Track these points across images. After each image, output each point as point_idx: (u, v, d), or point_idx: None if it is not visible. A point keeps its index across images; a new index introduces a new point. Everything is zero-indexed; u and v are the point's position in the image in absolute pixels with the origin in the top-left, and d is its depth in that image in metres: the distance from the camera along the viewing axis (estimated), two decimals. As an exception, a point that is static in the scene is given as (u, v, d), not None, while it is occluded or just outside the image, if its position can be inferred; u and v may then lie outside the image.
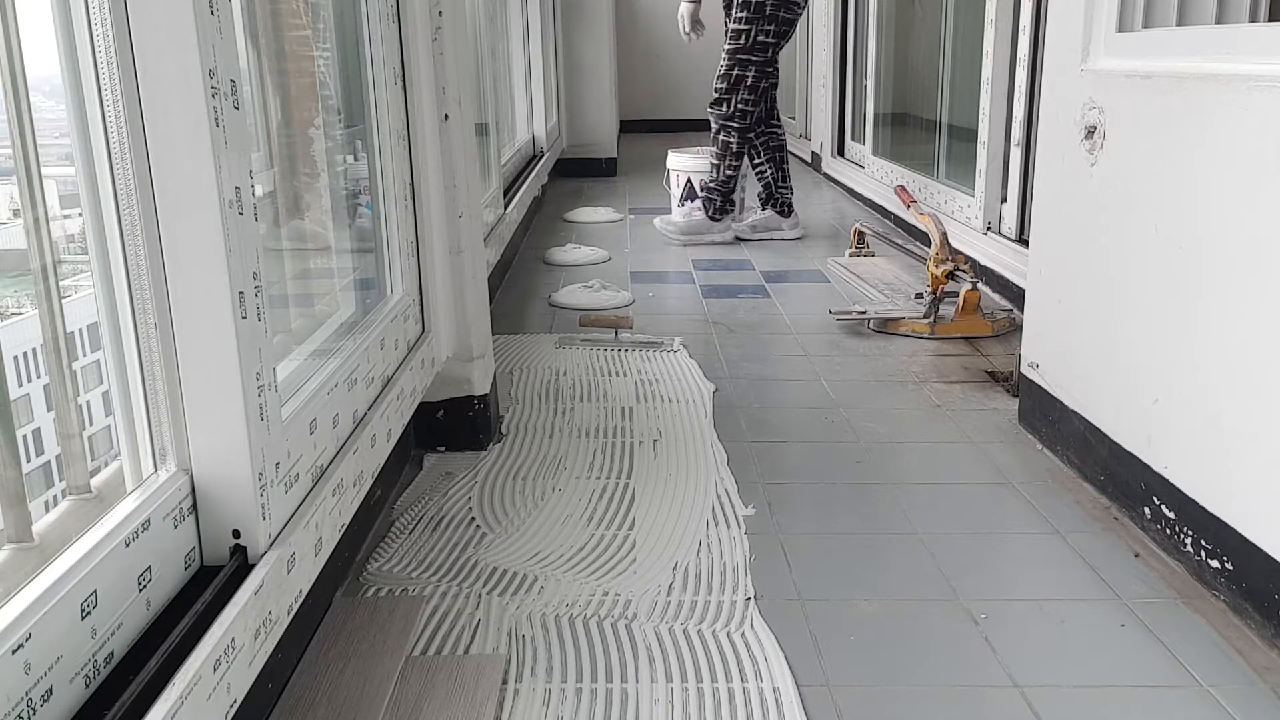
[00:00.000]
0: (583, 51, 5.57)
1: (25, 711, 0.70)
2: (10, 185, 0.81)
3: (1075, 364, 1.70)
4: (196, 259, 0.90)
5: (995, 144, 2.94)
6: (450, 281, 1.78)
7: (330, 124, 1.52)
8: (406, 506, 1.60)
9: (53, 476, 0.95)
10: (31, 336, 0.87)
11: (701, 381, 2.17)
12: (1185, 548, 1.38)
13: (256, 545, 0.97)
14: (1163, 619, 1.28)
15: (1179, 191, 1.39)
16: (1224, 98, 1.29)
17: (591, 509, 1.58)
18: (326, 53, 1.50)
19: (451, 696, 1.11)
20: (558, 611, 1.30)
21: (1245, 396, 1.26)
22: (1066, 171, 1.71)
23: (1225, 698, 1.12)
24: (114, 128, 0.87)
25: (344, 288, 1.56)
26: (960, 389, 2.12)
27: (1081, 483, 1.66)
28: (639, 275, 3.21)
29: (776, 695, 1.12)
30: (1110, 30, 1.61)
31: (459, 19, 1.76)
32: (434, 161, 1.71)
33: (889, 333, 2.51)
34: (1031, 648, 1.22)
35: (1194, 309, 1.36)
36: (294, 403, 1.12)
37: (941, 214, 3.05)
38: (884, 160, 4.28)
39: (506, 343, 2.47)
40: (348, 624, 1.25)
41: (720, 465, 1.74)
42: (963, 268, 2.50)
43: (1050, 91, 1.77)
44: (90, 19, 0.85)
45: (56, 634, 0.74)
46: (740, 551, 1.44)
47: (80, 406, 0.90)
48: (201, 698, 0.79)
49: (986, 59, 2.96)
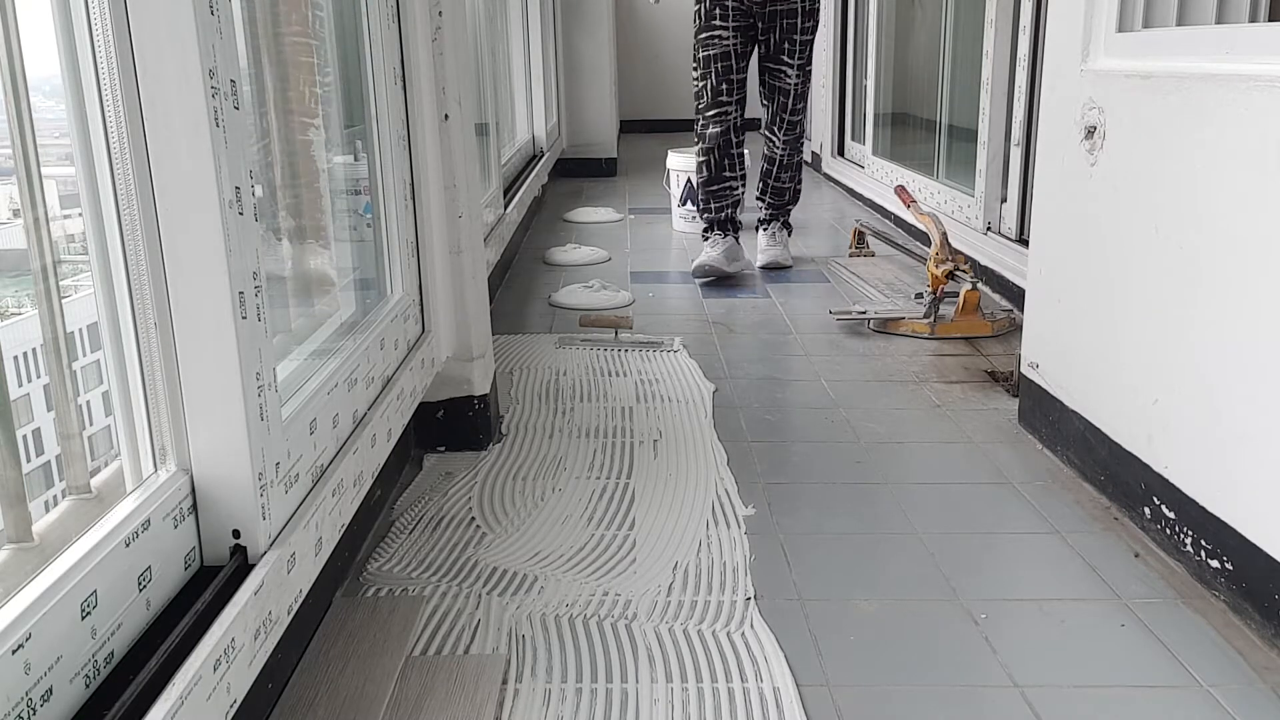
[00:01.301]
0: (583, 51, 5.57)
1: (25, 711, 0.70)
2: (10, 185, 0.81)
3: (1075, 364, 1.70)
4: (196, 259, 0.90)
5: (995, 144, 2.94)
6: (450, 281, 1.78)
7: (330, 123, 1.52)
8: (406, 506, 1.60)
9: (53, 476, 0.95)
10: (31, 336, 0.87)
11: (701, 381, 2.17)
12: (1185, 548, 1.38)
13: (256, 545, 0.97)
14: (1163, 619, 1.28)
15: (1179, 191, 1.39)
16: (1224, 98, 1.29)
17: (591, 509, 1.58)
18: (326, 53, 1.50)
19: (451, 696, 1.11)
20: (558, 611, 1.29)
21: (1245, 396, 1.26)
22: (1066, 171, 1.71)
23: (1225, 698, 1.12)
24: (114, 128, 0.87)
25: (344, 288, 1.56)
26: (960, 389, 2.12)
27: (1081, 483, 1.66)
28: (639, 275, 3.21)
29: (776, 695, 1.12)
30: (1110, 30, 1.61)
31: (459, 19, 1.76)
32: (434, 161, 1.71)
33: (889, 333, 2.51)
34: (1031, 648, 1.22)
35: (1194, 309, 1.36)
36: (294, 403, 1.12)
37: (941, 214, 3.05)
38: (884, 160, 4.28)
39: (506, 343, 2.47)
40: (348, 624, 1.25)
41: (720, 465, 1.74)
42: (963, 268, 2.50)
43: (1050, 91, 1.77)
44: (90, 19, 0.85)
45: (56, 634, 0.74)
46: (740, 551, 1.44)
47: (80, 406, 0.90)
48: (201, 698, 0.79)
49: (986, 59, 2.96)
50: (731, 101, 3.13)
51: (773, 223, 3.35)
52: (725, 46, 3.08)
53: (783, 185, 3.31)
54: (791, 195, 3.36)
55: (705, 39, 3.10)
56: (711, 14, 3.09)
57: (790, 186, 3.33)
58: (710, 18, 3.09)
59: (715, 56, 3.09)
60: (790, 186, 3.33)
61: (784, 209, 3.36)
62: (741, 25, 3.10)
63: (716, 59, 3.09)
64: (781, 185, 3.31)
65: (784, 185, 3.31)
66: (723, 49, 3.08)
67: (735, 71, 3.12)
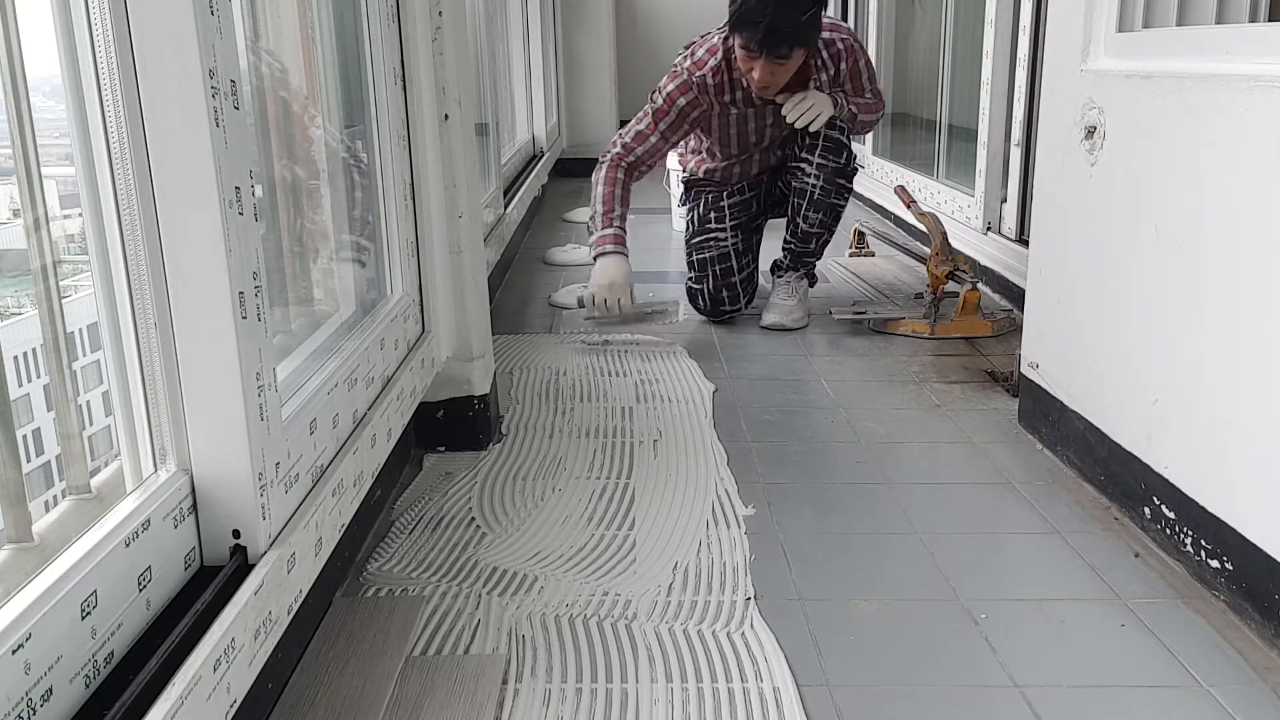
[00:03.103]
0: (583, 51, 5.58)
1: (25, 711, 0.70)
2: (10, 185, 0.81)
3: (1075, 364, 1.70)
4: (196, 259, 0.90)
5: (995, 144, 2.94)
6: (450, 281, 1.78)
7: (330, 123, 1.52)
8: (406, 506, 1.60)
9: (53, 476, 0.95)
10: (31, 336, 0.87)
11: (701, 381, 2.17)
12: (1185, 548, 1.38)
13: (256, 545, 0.97)
14: (1163, 619, 1.28)
15: (1179, 191, 1.39)
16: (1224, 98, 1.29)
17: (591, 509, 1.58)
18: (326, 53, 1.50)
19: (451, 696, 1.11)
20: (558, 611, 1.29)
21: (1245, 396, 1.26)
22: (1066, 172, 1.71)
23: (1225, 698, 1.12)
24: (114, 128, 0.87)
25: (344, 287, 1.56)
26: (960, 389, 2.12)
27: (1081, 483, 1.66)
28: (639, 275, 3.19)
29: (776, 695, 1.12)
30: (1110, 30, 1.61)
31: (459, 19, 1.76)
32: (434, 161, 1.71)
33: (889, 333, 2.51)
34: (1031, 648, 1.22)
35: (1194, 309, 1.36)
36: (294, 403, 1.12)
37: (941, 214, 3.05)
38: (884, 160, 4.28)
39: (506, 343, 2.47)
40: (348, 624, 1.25)
41: (720, 465, 1.74)
42: (963, 268, 2.50)
43: (1050, 91, 1.77)
44: (90, 19, 0.85)
45: (56, 634, 0.74)
46: (740, 551, 1.44)
47: (80, 406, 0.90)
48: (201, 698, 0.79)
49: (986, 59, 2.96)
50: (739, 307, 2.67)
51: (790, 271, 2.67)
52: (724, 249, 2.66)
53: (810, 229, 2.61)
54: (818, 249, 2.70)
55: (699, 243, 2.69)
56: (706, 218, 2.70)
57: (818, 231, 2.64)
58: (705, 222, 2.70)
59: (713, 259, 2.65)
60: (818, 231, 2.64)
61: (806, 262, 2.69)
62: (742, 222, 2.71)
63: (714, 261, 2.65)
64: (809, 229, 2.61)
65: (811, 229, 2.62)
66: (721, 251, 2.66)
67: (737, 273, 2.65)
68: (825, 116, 2.45)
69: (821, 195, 2.55)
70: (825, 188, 2.54)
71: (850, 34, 2.58)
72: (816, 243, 2.65)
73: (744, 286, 2.67)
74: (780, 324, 2.57)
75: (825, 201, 2.57)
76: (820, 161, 2.51)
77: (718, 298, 2.64)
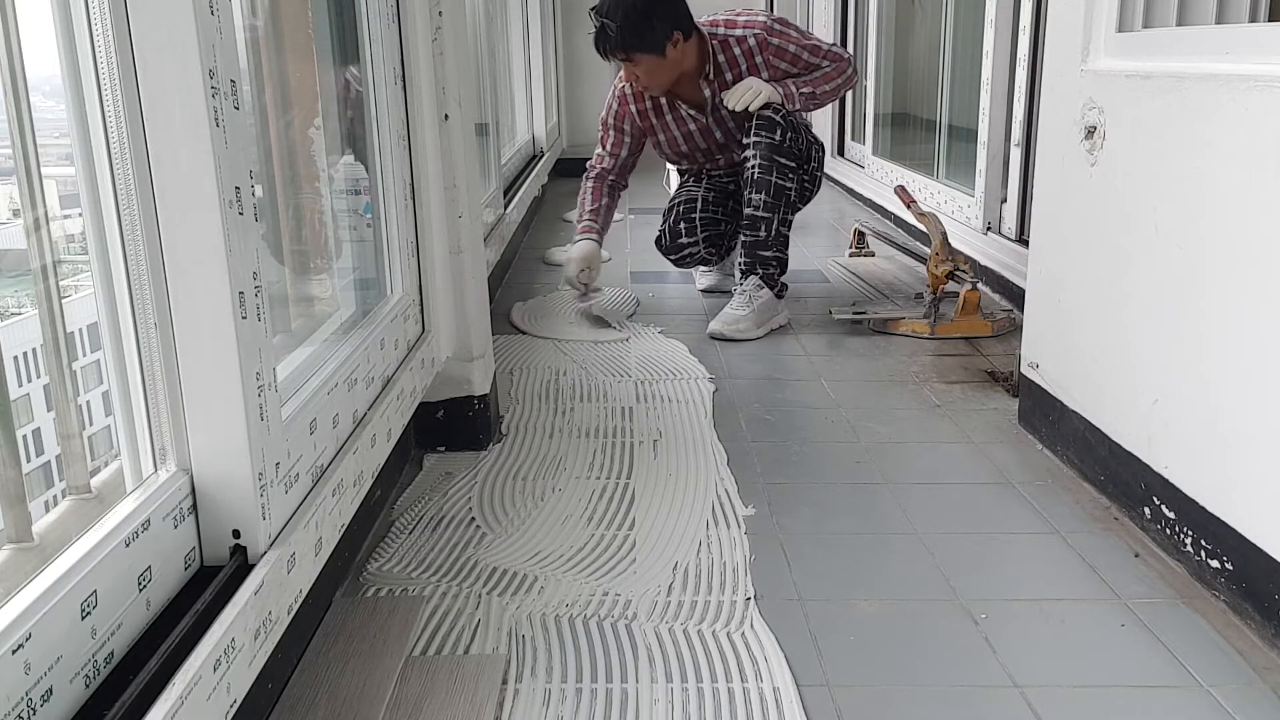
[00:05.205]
0: (583, 51, 5.57)
1: (25, 711, 0.70)
2: (10, 185, 0.81)
3: (1075, 364, 1.70)
4: (196, 259, 0.90)
5: (995, 144, 2.94)
6: (450, 281, 1.78)
7: (330, 123, 1.52)
8: (406, 506, 1.60)
9: (53, 476, 0.95)
10: (31, 336, 0.87)
11: (702, 382, 2.17)
12: (1185, 548, 1.38)
13: (256, 545, 0.97)
14: (1163, 619, 1.28)
15: (1179, 191, 1.39)
16: (1224, 98, 1.29)
17: (591, 509, 1.58)
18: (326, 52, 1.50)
19: (451, 696, 1.11)
20: (558, 611, 1.29)
21: (1245, 396, 1.26)
22: (1066, 172, 1.71)
23: (1225, 698, 1.12)
24: (114, 128, 0.87)
25: (344, 287, 1.57)
26: (960, 389, 2.12)
27: (1081, 483, 1.66)
28: (639, 275, 3.21)
29: (776, 695, 1.12)
30: (1110, 30, 1.61)
31: (459, 19, 1.76)
32: (434, 161, 1.71)
33: (889, 333, 2.51)
34: (1031, 648, 1.22)
35: (1194, 309, 1.36)
36: (294, 403, 1.12)
37: (941, 214, 3.05)
38: (884, 160, 4.28)
39: (506, 343, 2.47)
40: (348, 624, 1.25)
41: (720, 465, 1.74)
42: (963, 268, 2.50)
43: (1050, 91, 1.77)
44: (90, 19, 0.85)
45: (56, 634, 0.74)
46: (740, 551, 1.44)
47: (80, 406, 0.90)
48: (201, 698, 0.79)
49: (986, 59, 2.96)
50: (695, 244, 2.78)
51: (749, 276, 2.55)
52: (693, 196, 2.81)
53: (755, 213, 2.54)
54: (772, 239, 2.55)
55: (672, 198, 2.88)
56: (685, 184, 2.91)
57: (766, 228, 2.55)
58: (683, 186, 2.90)
59: (680, 203, 2.83)
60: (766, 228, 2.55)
61: (761, 257, 2.55)
62: (719, 185, 2.84)
63: (680, 204, 2.82)
64: (754, 212, 2.54)
65: (757, 213, 2.53)
66: (689, 197, 2.81)
67: (698, 212, 2.75)
68: (763, 98, 2.52)
69: (761, 174, 2.50)
70: (763, 164, 2.50)
71: (763, 26, 2.58)
72: (766, 230, 2.53)
73: (703, 224, 2.77)
74: (720, 333, 2.47)
75: (766, 180, 2.50)
76: (754, 139, 2.51)
77: (675, 229, 2.78)
